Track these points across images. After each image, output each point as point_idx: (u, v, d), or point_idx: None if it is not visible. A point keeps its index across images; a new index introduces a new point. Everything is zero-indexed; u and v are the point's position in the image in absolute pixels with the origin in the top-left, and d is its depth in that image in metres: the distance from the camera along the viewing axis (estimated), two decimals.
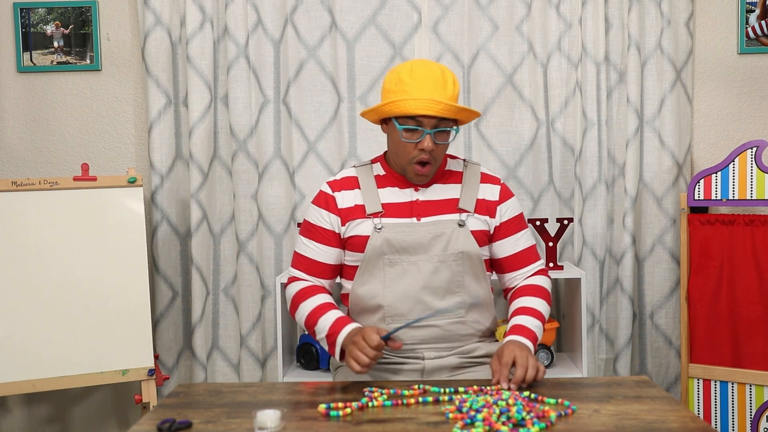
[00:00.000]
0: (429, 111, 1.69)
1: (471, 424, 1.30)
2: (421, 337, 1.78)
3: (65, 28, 2.80)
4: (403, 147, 1.77)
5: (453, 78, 1.76)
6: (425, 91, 1.70)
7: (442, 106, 1.69)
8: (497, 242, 1.86)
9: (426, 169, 1.78)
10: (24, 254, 2.38)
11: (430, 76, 1.72)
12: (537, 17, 2.70)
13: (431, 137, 1.73)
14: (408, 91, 1.71)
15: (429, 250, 1.77)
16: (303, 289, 1.83)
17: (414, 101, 1.69)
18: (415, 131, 1.74)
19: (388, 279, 1.78)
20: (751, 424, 2.50)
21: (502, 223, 1.85)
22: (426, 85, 1.71)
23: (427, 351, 1.79)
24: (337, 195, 1.84)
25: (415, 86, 1.71)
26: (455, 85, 1.75)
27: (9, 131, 2.85)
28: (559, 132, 2.73)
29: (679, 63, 2.69)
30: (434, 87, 1.71)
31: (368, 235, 1.78)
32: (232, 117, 2.71)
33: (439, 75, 1.73)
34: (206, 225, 2.74)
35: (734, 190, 2.51)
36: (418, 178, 1.81)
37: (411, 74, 1.73)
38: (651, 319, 2.75)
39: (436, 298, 1.77)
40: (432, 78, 1.72)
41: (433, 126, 1.73)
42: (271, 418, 1.29)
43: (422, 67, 1.75)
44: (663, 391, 1.50)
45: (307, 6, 2.73)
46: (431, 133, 1.73)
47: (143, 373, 2.44)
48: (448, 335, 1.79)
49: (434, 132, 1.73)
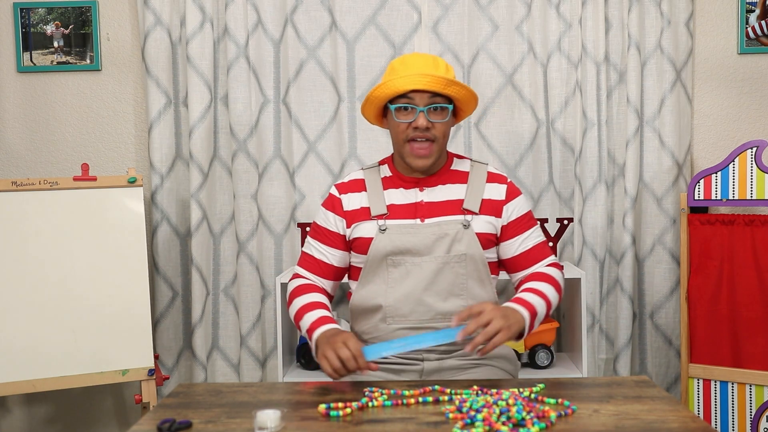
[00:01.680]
0: (417, 85, 1.69)
1: (471, 424, 1.30)
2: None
3: (65, 28, 2.80)
4: (399, 128, 1.76)
5: (446, 64, 1.77)
6: (414, 70, 1.72)
7: (430, 78, 1.69)
8: (506, 242, 1.84)
9: (425, 149, 1.75)
10: (24, 254, 2.38)
11: (420, 59, 1.75)
12: (537, 17, 2.70)
13: (425, 114, 1.72)
14: (397, 72, 1.74)
15: (432, 251, 1.76)
16: (300, 285, 1.84)
17: (402, 78, 1.71)
18: (408, 111, 1.74)
19: (391, 280, 1.78)
20: (751, 424, 2.50)
21: (509, 223, 1.83)
22: (415, 65, 1.73)
23: (427, 353, 1.79)
24: (344, 197, 1.85)
25: (405, 68, 1.73)
26: (448, 69, 1.76)
27: (9, 131, 2.85)
28: (559, 132, 2.73)
29: (679, 63, 2.69)
30: (424, 66, 1.73)
31: (372, 237, 1.78)
32: (232, 117, 2.71)
33: (430, 58, 1.75)
34: (206, 225, 2.74)
35: (734, 190, 2.51)
36: (418, 163, 1.77)
37: (402, 60, 1.77)
38: (651, 319, 2.75)
39: (439, 300, 1.76)
40: (422, 60, 1.75)
41: (425, 103, 1.73)
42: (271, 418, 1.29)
43: (414, 54, 1.79)
44: (663, 391, 1.50)
45: (307, 6, 2.73)
46: (424, 110, 1.72)
47: (143, 373, 2.44)
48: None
49: (428, 109, 1.73)
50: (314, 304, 1.78)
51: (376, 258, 1.78)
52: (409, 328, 1.77)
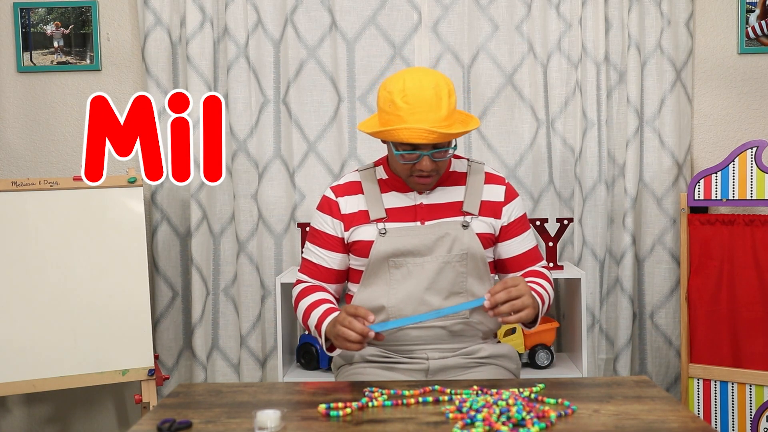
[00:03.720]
0: (424, 141, 1.67)
1: (471, 424, 1.30)
2: (425, 338, 1.79)
3: (65, 28, 2.80)
4: (402, 165, 1.77)
5: (448, 91, 1.70)
6: (419, 117, 1.66)
7: (437, 135, 1.66)
8: (504, 243, 1.86)
9: (428, 180, 1.78)
10: (24, 254, 2.38)
11: (423, 99, 1.67)
12: (537, 17, 2.70)
13: (429, 158, 1.72)
14: (402, 117, 1.67)
15: (433, 251, 1.77)
16: (304, 288, 1.86)
17: (408, 131, 1.66)
18: (412, 153, 1.72)
19: (393, 281, 1.78)
20: (751, 424, 2.50)
21: (509, 224, 1.85)
22: (419, 109, 1.66)
23: (432, 352, 1.80)
24: (341, 200, 1.84)
25: (409, 111, 1.67)
26: (450, 99, 1.70)
27: (9, 131, 2.85)
28: (559, 132, 2.73)
29: (679, 63, 2.69)
30: (428, 110, 1.66)
31: (372, 240, 1.78)
32: (232, 117, 2.71)
33: (432, 95, 1.67)
34: (206, 225, 2.74)
35: (734, 190, 2.51)
36: (420, 188, 1.81)
37: (404, 97, 1.68)
38: (651, 319, 2.75)
39: (440, 299, 1.77)
40: (425, 100, 1.67)
41: (430, 148, 1.72)
42: (271, 418, 1.29)
43: (414, 86, 1.68)
44: (663, 391, 1.50)
45: (307, 6, 2.73)
46: (429, 154, 1.72)
47: (143, 373, 2.44)
48: (452, 336, 1.79)
49: (432, 152, 1.72)
50: (317, 302, 1.79)
51: (377, 260, 1.78)
52: (411, 327, 1.77)
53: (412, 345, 1.80)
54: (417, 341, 1.79)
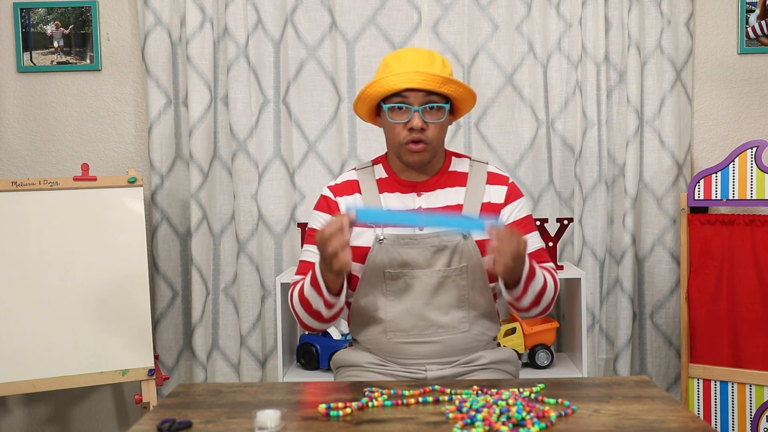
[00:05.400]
0: (411, 83, 1.63)
1: (471, 424, 1.30)
2: (424, 353, 1.73)
3: (65, 28, 2.80)
4: (394, 130, 1.70)
5: (442, 59, 1.70)
6: (408, 67, 1.65)
7: (425, 76, 1.63)
8: None
9: (419, 147, 1.69)
10: (24, 254, 2.38)
11: (415, 55, 1.67)
12: (537, 17, 2.70)
13: (419, 114, 1.66)
14: (391, 69, 1.67)
15: (432, 264, 1.71)
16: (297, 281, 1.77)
17: (395, 76, 1.64)
18: (402, 110, 1.68)
19: (390, 293, 1.72)
20: (751, 424, 2.50)
21: (509, 225, 1.76)
22: (410, 62, 1.66)
23: (430, 365, 1.75)
24: (339, 200, 1.80)
25: (399, 65, 1.66)
26: (445, 65, 1.69)
27: (9, 131, 2.85)
28: (559, 132, 2.73)
29: (679, 63, 2.69)
30: (419, 63, 1.66)
31: (369, 247, 1.72)
32: (232, 117, 2.71)
33: (426, 53, 1.68)
34: (206, 225, 2.74)
35: (734, 190, 2.51)
36: (413, 158, 1.71)
37: (396, 56, 1.69)
38: (651, 319, 2.75)
39: (440, 315, 1.72)
40: (417, 56, 1.67)
41: (420, 102, 1.66)
42: (271, 418, 1.29)
43: (409, 49, 1.71)
44: (663, 391, 1.50)
45: (307, 6, 2.73)
46: (419, 110, 1.66)
47: (143, 373, 2.44)
48: (451, 350, 1.74)
49: (423, 108, 1.67)
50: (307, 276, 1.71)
51: (373, 271, 1.72)
52: (410, 342, 1.73)
53: (409, 359, 1.74)
54: (415, 356, 1.74)
